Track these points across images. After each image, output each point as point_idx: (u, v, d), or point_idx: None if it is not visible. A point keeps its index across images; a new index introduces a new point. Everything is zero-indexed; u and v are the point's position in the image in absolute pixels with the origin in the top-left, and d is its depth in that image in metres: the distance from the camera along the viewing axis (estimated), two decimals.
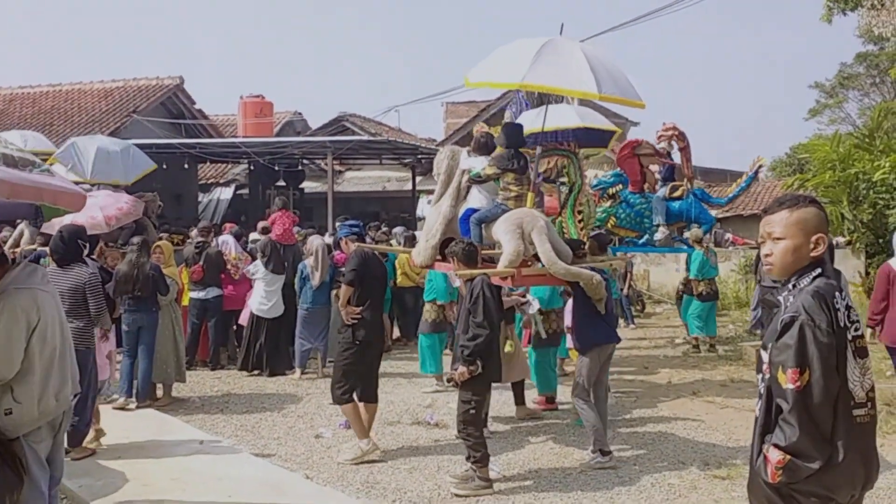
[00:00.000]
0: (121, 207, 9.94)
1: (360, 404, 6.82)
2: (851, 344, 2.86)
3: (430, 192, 19.16)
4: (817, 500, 2.84)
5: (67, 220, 7.38)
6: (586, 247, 7.38)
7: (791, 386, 2.79)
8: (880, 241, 15.69)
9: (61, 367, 4.33)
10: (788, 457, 2.80)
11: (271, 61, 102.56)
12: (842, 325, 2.83)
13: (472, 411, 5.98)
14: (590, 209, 9.18)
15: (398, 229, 13.64)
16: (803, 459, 2.79)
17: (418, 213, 21.04)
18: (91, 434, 6.74)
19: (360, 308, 6.74)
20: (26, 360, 4.12)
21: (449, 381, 6.28)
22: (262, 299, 10.20)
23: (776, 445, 2.83)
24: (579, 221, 8.43)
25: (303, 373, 10.11)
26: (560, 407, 8.44)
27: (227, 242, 11.17)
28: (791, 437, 2.79)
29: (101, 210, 9.75)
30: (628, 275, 15.42)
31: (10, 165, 4.14)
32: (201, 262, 10.49)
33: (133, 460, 6.54)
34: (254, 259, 11.22)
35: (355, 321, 6.73)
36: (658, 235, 11.16)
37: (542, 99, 8.15)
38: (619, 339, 7.14)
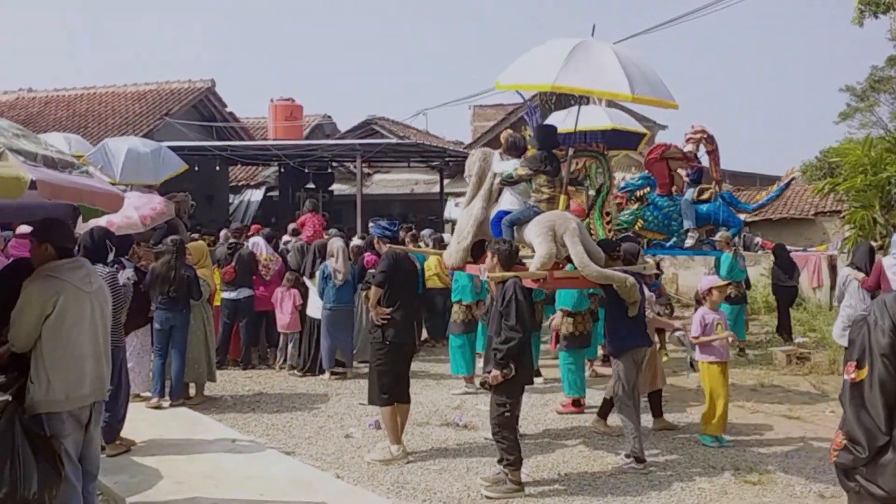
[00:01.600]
0: (154, 207, 10.05)
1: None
2: None
3: (458, 194, 19.25)
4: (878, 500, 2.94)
5: (103, 220, 7.51)
6: (621, 248, 7.33)
7: (847, 377, 3.00)
8: None
9: (80, 365, 4.45)
10: (845, 440, 2.99)
11: (301, 65, 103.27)
12: None
13: (507, 414, 5.99)
14: (614, 211, 9.16)
15: (426, 231, 13.68)
16: (854, 446, 2.95)
17: (446, 215, 21.10)
18: None
19: (390, 309, 6.78)
20: (38, 343, 4.35)
21: (482, 384, 6.27)
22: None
23: (840, 428, 3.05)
24: (607, 223, 8.41)
25: (332, 373, 10.17)
26: (587, 411, 8.43)
27: (257, 244, 11.27)
28: (846, 423, 3.00)
29: (135, 210, 9.86)
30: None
31: (50, 167, 4.24)
32: (233, 263, 10.61)
33: (167, 457, 6.63)
34: (284, 260, 11.32)
35: (385, 322, 6.77)
36: (689, 242, 11.11)
37: (560, 103, 8.10)
38: (651, 343, 7.13)
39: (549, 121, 9.16)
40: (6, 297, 4.40)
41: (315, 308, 10.32)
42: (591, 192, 8.55)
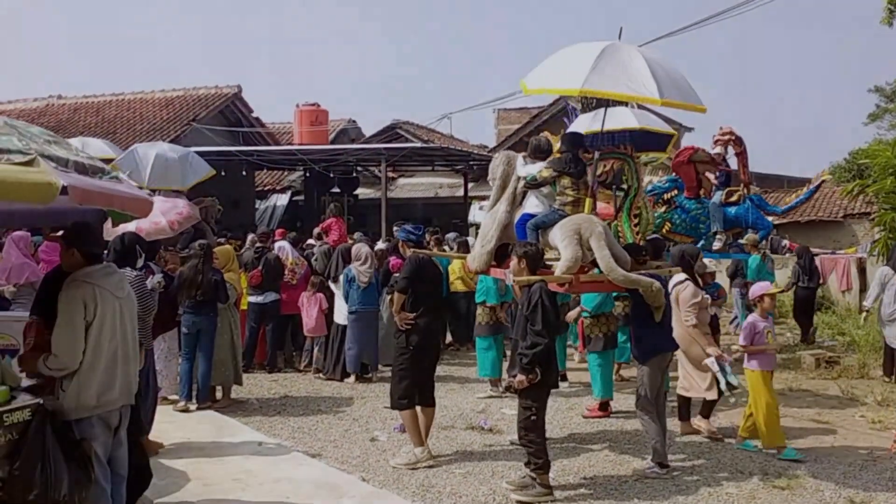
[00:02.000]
0: (181, 212, 10.14)
1: (417, 408, 6.87)
2: None
3: (482, 198, 19.24)
4: None
5: (132, 225, 7.60)
6: (647, 253, 7.31)
7: None
8: None
9: (111, 370, 4.50)
10: None
11: (327, 70, 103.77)
12: None
13: (534, 418, 5.97)
14: (648, 214, 9.10)
15: (450, 235, 13.69)
16: None
17: (470, 219, 21.10)
18: None
19: (414, 314, 6.79)
20: None
21: (508, 388, 6.26)
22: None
23: None
24: (635, 226, 8.36)
25: (357, 377, 10.19)
26: (613, 415, 8.40)
27: (283, 248, 11.34)
28: None
29: (163, 215, 9.96)
30: None
31: (81, 172, 4.30)
32: (260, 268, 10.68)
33: (194, 460, 6.70)
34: (310, 264, 11.37)
35: (409, 327, 6.79)
36: (716, 245, 11.05)
37: (599, 104, 8.07)
38: (677, 347, 7.09)
39: (574, 126, 9.15)
40: (54, 302, 4.46)
41: (340, 314, 10.35)
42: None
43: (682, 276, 7.43)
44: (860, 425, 8.12)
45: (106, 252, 6.77)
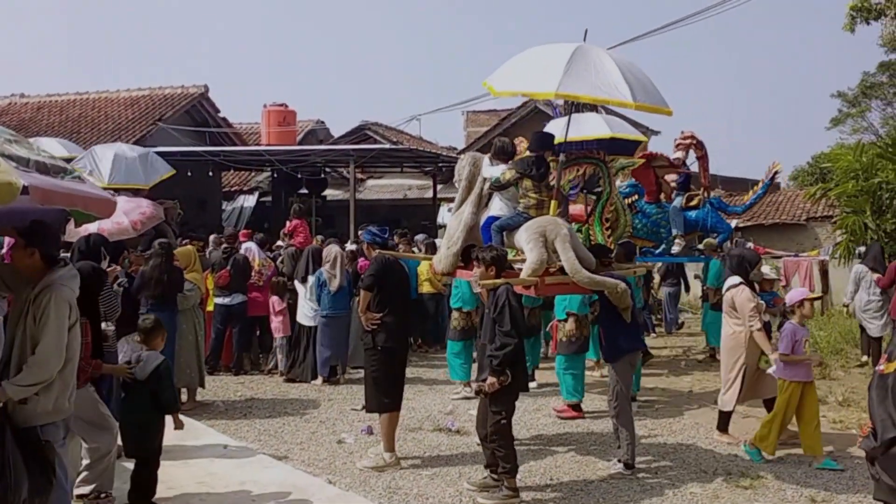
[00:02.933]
0: (144, 212, 10.00)
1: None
2: None
3: (451, 199, 19.20)
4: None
5: (94, 226, 7.50)
6: (613, 254, 7.35)
7: (877, 368, 3.24)
8: None
9: (74, 370, 4.48)
10: (870, 426, 3.23)
11: (295, 71, 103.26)
12: None
13: (504, 422, 5.97)
14: (626, 217, 9.16)
15: (419, 237, 13.69)
16: (874, 433, 3.18)
17: (439, 220, 21.12)
18: None
19: (380, 314, 6.77)
20: None
21: (477, 392, 6.24)
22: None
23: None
24: (607, 229, 8.42)
25: (325, 380, 10.15)
26: (585, 416, 8.46)
27: (250, 249, 11.26)
28: (871, 409, 3.21)
29: (125, 215, 9.84)
30: (649, 284, 15.44)
31: (42, 172, 4.25)
32: (228, 268, 10.59)
33: None
34: (275, 265, 11.31)
35: (375, 326, 6.77)
36: (675, 249, 11.19)
37: (571, 108, 8.08)
38: (645, 347, 7.14)
39: (551, 126, 9.14)
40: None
41: (304, 315, 10.31)
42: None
43: (737, 279, 7.37)
44: (822, 425, 8.22)
45: (70, 253, 6.71)
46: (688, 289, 15.91)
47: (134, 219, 9.96)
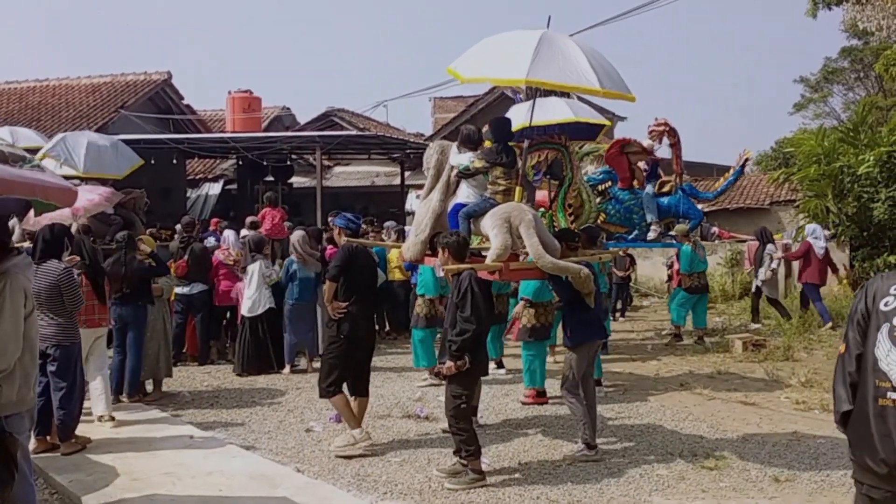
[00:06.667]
0: (91, 199, 9.63)
1: (351, 398, 6.85)
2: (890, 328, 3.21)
3: (419, 186, 19.20)
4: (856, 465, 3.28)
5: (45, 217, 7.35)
6: (578, 239, 7.36)
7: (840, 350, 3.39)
8: (865, 233, 15.85)
9: (35, 359, 4.43)
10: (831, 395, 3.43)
11: (260, 57, 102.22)
12: (885, 309, 3.21)
13: (463, 406, 6.00)
14: (591, 203, 9.18)
15: (389, 224, 13.67)
16: (834, 404, 3.38)
17: (407, 207, 21.07)
18: None
19: (346, 303, 6.76)
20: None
21: (437, 375, 6.27)
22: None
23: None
24: (570, 215, 8.44)
25: (292, 368, 10.11)
26: (550, 401, 8.50)
27: (227, 238, 11.16)
28: (833, 386, 3.39)
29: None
30: (631, 268, 16.10)
31: (1, 161, 4.17)
32: (185, 258, 10.46)
33: (124, 455, 6.55)
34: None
35: (341, 315, 6.75)
36: (651, 235, 11.29)
37: (535, 93, 8.07)
38: (607, 335, 7.18)
39: (512, 112, 9.14)
40: None
41: (245, 306, 10.22)
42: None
43: None
44: (785, 406, 8.37)
45: (33, 243, 6.63)
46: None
47: (77, 206, 9.73)
